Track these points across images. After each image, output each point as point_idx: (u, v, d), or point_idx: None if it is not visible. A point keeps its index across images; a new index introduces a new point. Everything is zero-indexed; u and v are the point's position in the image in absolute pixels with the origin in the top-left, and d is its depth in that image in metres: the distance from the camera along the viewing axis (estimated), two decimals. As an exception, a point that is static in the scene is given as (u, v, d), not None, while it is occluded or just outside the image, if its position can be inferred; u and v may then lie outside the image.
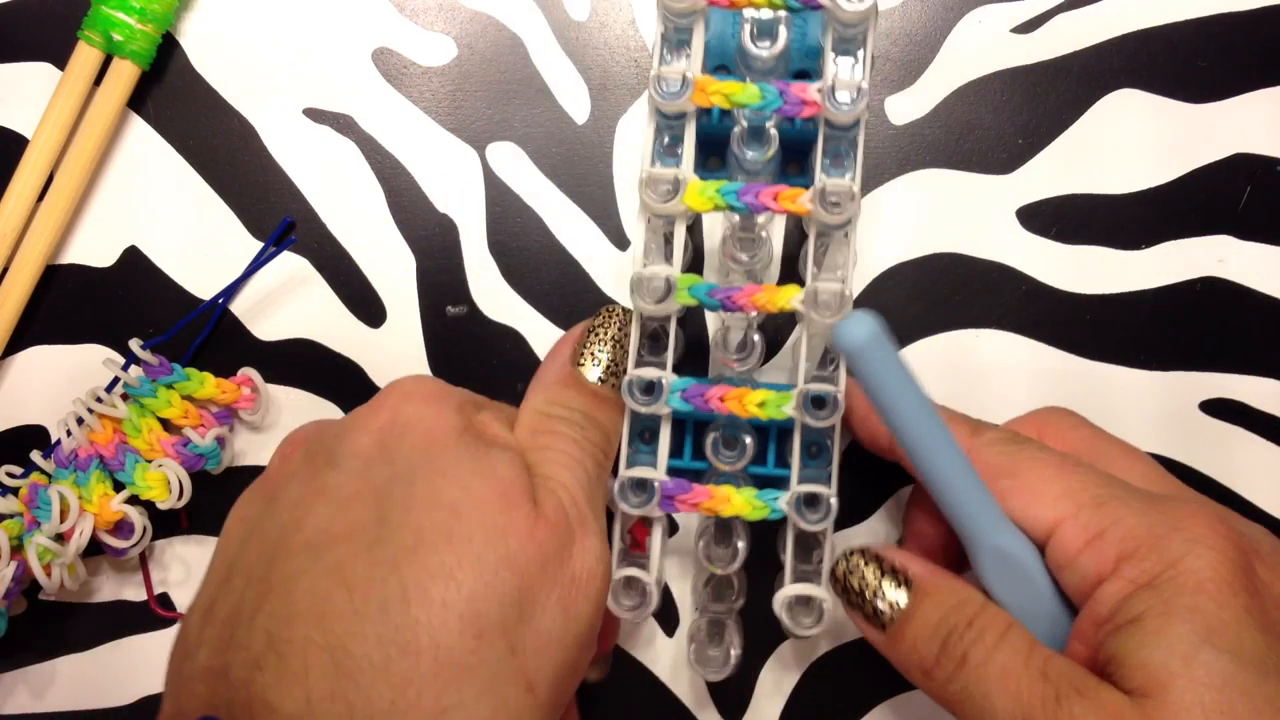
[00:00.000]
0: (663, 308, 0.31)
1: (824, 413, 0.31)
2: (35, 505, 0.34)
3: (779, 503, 0.32)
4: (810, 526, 0.31)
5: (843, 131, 0.32)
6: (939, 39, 0.39)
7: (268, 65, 0.38)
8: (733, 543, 0.33)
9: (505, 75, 0.38)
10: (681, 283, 0.31)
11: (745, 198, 0.31)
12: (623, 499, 0.31)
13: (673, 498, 0.31)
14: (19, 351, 0.37)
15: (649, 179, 0.31)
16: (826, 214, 0.31)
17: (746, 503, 0.32)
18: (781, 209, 0.31)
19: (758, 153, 0.32)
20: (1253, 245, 0.38)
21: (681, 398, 0.31)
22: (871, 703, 0.37)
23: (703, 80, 0.31)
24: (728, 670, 0.33)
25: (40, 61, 0.38)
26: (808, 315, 0.31)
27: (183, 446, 0.35)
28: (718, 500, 0.32)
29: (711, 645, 0.34)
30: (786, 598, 0.32)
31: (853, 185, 0.31)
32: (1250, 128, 0.38)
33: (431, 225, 0.38)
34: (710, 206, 0.31)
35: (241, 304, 0.38)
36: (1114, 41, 0.39)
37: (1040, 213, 0.38)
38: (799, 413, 0.31)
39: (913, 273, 0.38)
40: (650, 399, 0.31)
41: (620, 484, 0.31)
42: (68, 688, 0.37)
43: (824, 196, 0.31)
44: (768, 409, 0.31)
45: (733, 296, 0.31)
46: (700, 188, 0.31)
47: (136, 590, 0.37)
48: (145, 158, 0.38)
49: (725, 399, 0.31)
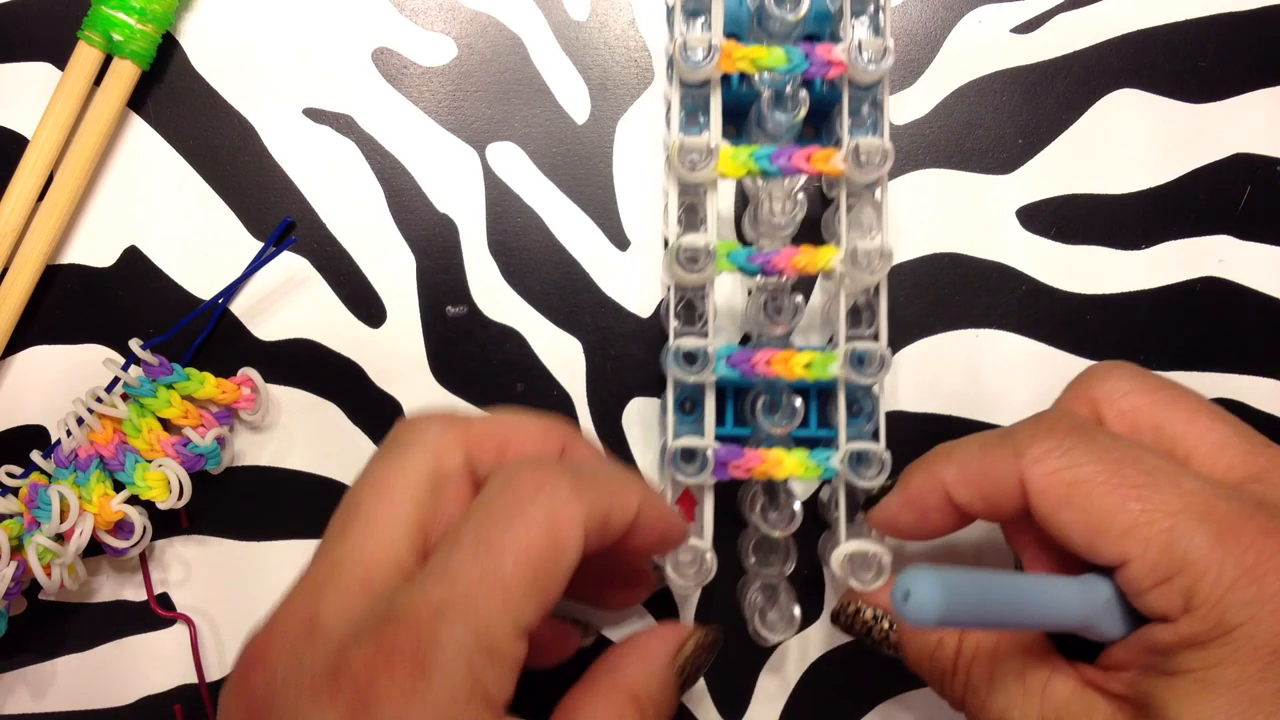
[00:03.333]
0: (701, 276, 0.31)
1: (870, 370, 0.32)
2: (35, 505, 0.34)
3: (832, 462, 0.32)
4: (866, 483, 0.32)
5: (865, 91, 0.32)
6: (939, 39, 0.39)
7: (268, 65, 0.38)
8: (787, 505, 0.33)
9: (505, 75, 0.38)
10: (720, 249, 0.31)
11: (778, 161, 0.31)
12: (675, 469, 0.31)
13: (726, 464, 0.32)
14: (19, 351, 0.37)
15: (681, 148, 0.31)
16: (860, 172, 0.31)
17: (800, 464, 0.32)
18: (814, 170, 0.32)
19: (787, 115, 0.32)
20: (1253, 245, 0.38)
21: (727, 364, 0.32)
22: (872, 703, 0.37)
23: (728, 46, 0.31)
24: (793, 630, 0.34)
25: (40, 61, 0.38)
26: (847, 274, 0.31)
27: (183, 446, 0.35)
28: (770, 463, 0.32)
29: (771, 610, 0.34)
30: (845, 554, 0.32)
31: (883, 142, 0.31)
32: (1250, 128, 0.38)
33: (431, 225, 0.38)
34: (744, 172, 0.32)
35: (241, 304, 0.38)
36: (1114, 41, 0.39)
37: (1040, 213, 0.38)
38: (844, 371, 0.32)
39: (913, 273, 0.38)
40: (694, 368, 0.31)
41: (671, 455, 0.32)
42: (68, 688, 0.37)
43: (856, 155, 0.31)
44: (814, 369, 0.32)
45: (772, 260, 0.31)
46: (732, 153, 0.31)
47: (136, 590, 0.37)
48: (145, 158, 0.38)
49: (772, 362, 0.32)
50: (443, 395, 0.37)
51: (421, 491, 0.26)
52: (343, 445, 0.37)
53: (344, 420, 0.37)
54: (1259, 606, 0.25)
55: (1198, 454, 0.28)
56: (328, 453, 0.37)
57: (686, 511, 0.33)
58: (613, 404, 0.37)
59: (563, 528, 0.25)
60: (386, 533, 0.26)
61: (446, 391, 0.37)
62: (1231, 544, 0.25)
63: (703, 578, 0.32)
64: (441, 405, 0.37)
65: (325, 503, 0.38)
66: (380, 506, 0.26)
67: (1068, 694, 0.27)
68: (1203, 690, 0.25)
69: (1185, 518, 0.26)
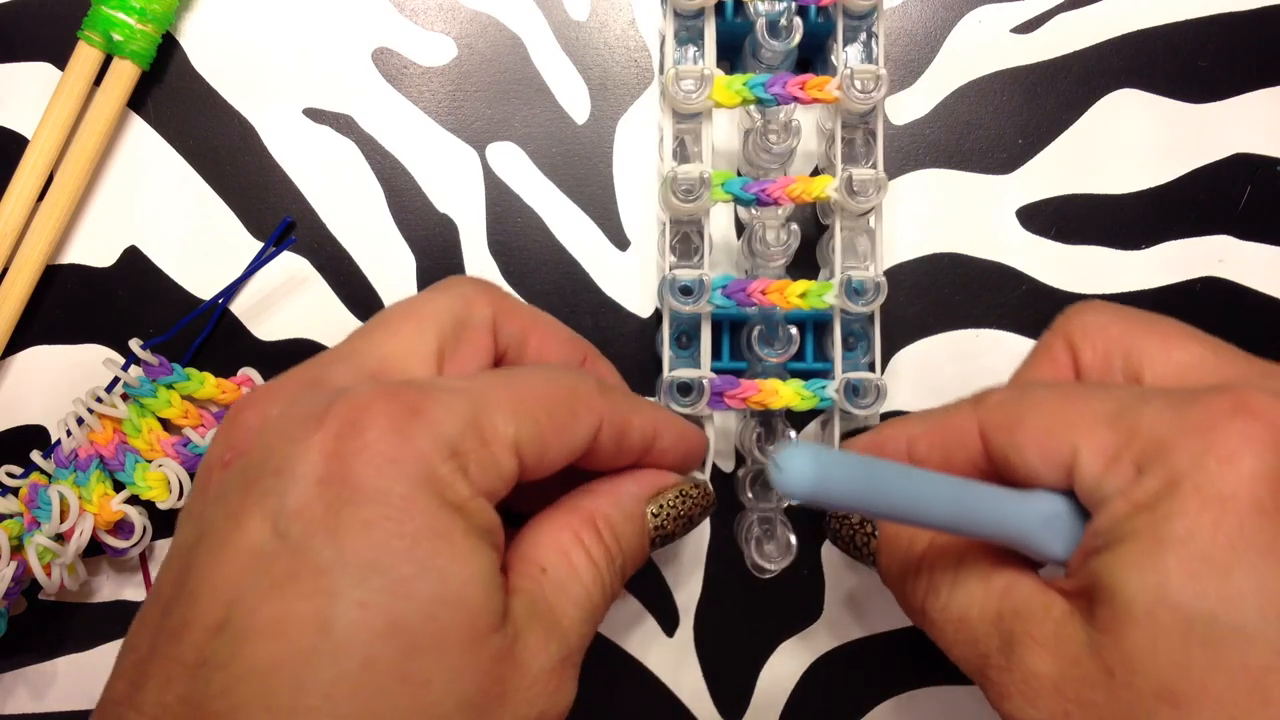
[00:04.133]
0: (697, 205, 0.32)
1: (865, 299, 0.32)
2: (35, 505, 0.34)
3: (827, 391, 0.32)
4: (861, 411, 0.32)
5: (860, 20, 0.33)
6: (939, 39, 0.39)
7: (268, 65, 0.38)
8: (784, 436, 0.34)
9: (505, 75, 0.38)
10: (715, 179, 0.32)
11: (773, 89, 0.32)
12: (671, 401, 0.32)
13: (721, 394, 0.32)
14: (19, 351, 0.37)
15: (677, 75, 0.32)
16: (855, 100, 0.31)
17: (796, 393, 0.32)
18: (810, 98, 0.32)
19: (782, 42, 0.32)
20: (1253, 245, 0.38)
21: (723, 294, 0.32)
22: (872, 703, 0.37)
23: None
24: (789, 558, 0.34)
25: (40, 61, 0.38)
26: (843, 203, 0.31)
27: (183, 446, 0.35)
28: (766, 393, 0.32)
29: (767, 541, 0.34)
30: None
31: (878, 69, 0.32)
32: (1250, 128, 0.38)
33: (431, 225, 0.38)
34: (738, 100, 0.32)
35: (241, 304, 0.38)
36: (1114, 41, 0.39)
37: (1040, 213, 0.38)
38: (840, 300, 0.32)
39: (913, 273, 0.38)
40: (690, 299, 0.32)
41: (666, 386, 0.32)
42: (68, 688, 0.37)
43: (851, 81, 0.31)
44: (809, 299, 0.32)
45: (767, 190, 0.32)
46: (726, 82, 0.32)
47: (136, 590, 0.37)
48: (145, 158, 0.38)
49: (767, 291, 0.32)
50: (443, 395, 0.37)
51: (446, 324, 0.27)
52: (343, 445, 0.37)
53: (344, 420, 0.37)
54: (1207, 456, 0.22)
55: (1168, 374, 0.26)
56: (328, 453, 0.37)
57: None
58: (613, 404, 0.37)
59: (583, 402, 0.26)
60: (408, 340, 0.26)
61: (446, 391, 0.37)
62: (1188, 407, 0.23)
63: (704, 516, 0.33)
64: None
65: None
66: (408, 322, 0.27)
67: (1027, 593, 0.25)
68: (1150, 553, 0.22)
69: (1133, 398, 0.24)
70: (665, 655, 0.37)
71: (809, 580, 0.37)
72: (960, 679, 0.37)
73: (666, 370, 0.32)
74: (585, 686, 0.37)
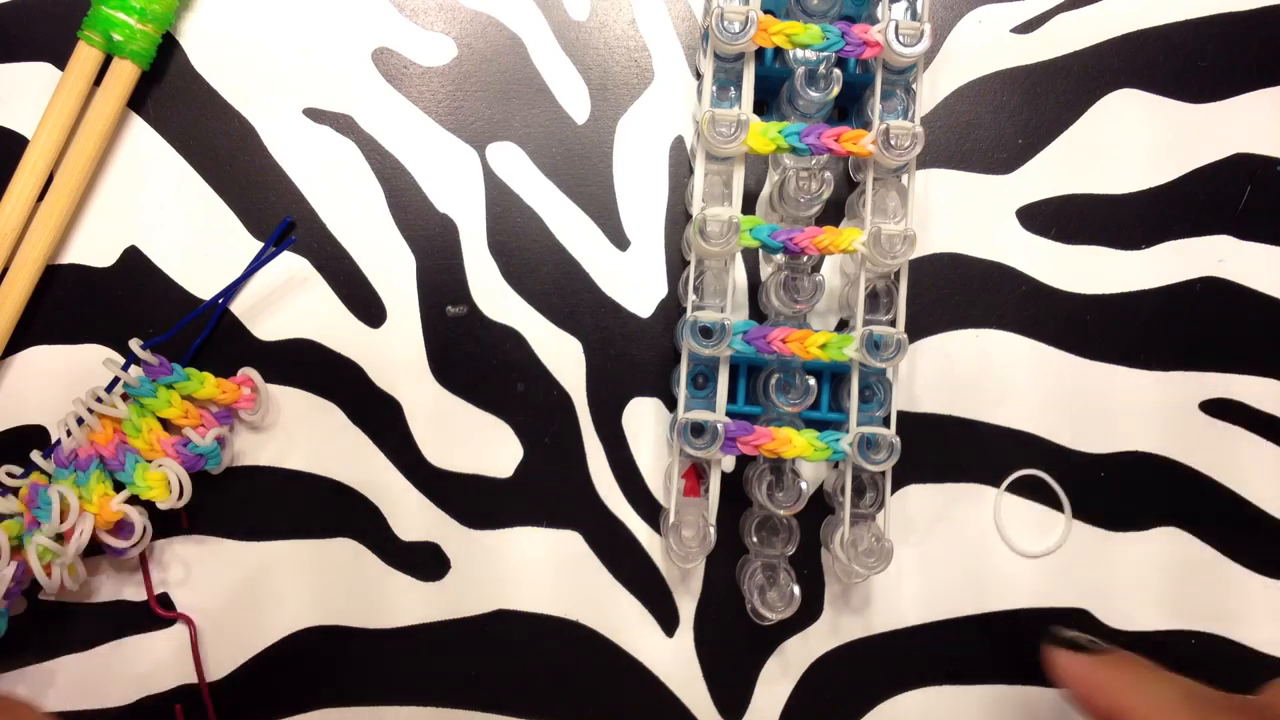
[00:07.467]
0: (724, 248, 0.31)
1: (885, 354, 0.32)
2: (35, 505, 0.34)
3: (841, 444, 0.32)
4: (873, 467, 0.32)
5: (898, 75, 0.32)
6: (939, 39, 0.39)
7: (268, 65, 0.38)
8: (795, 485, 0.33)
9: (505, 75, 0.38)
10: (744, 224, 0.31)
11: (807, 139, 0.32)
12: (684, 443, 0.32)
13: (735, 439, 0.32)
14: (19, 351, 0.37)
15: (713, 119, 0.31)
16: (889, 155, 0.31)
17: (809, 444, 0.32)
18: (843, 150, 0.32)
19: (821, 93, 0.32)
20: (1253, 245, 0.38)
21: (743, 340, 0.32)
22: (871, 703, 0.37)
23: (765, 20, 0.31)
24: (792, 608, 0.34)
25: (40, 61, 0.38)
26: (869, 256, 0.31)
27: (183, 446, 0.35)
28: (780, 442, 0.32)
29: (771, 589, 0.34)
30: (850, 539, 0.32)
31: (914, 126, 0.31)
32: (1250, 128, 0.38)
33: (431, 225, 0.38)
34: (772, 148, 0.32)
35: (241, 304, 0.38)
36: (1114, 41, 0.39)
37: (1040, 213, 0.38)
38: (860, 354, 0.32)
39: (913, 273, 0.38)
40: (710, 342, 0.32)
41: (681, 428, 0.32)
42: (68, 688, 0.37)
43: (887, 138, 0.31)
44: (829, 350, 0.32)
45: (795, 239, 0.32)
46: (762, 129, 0.31)
47: (136, 590, 0.37)
48: (145, 158, 0.38)
49: (788, 340, 0.32)
50: (443, 395, 0.37)
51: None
52: (343, 445, 0.37)
53: (344, 420, 0.37)
54: None
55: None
56: (328, 453, 0.37)
57: (692, 487, 0.34)
58: (613, 404, 0.37)
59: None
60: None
61: (447, 391, 0.37)
62: None
63: (706, 548, 0.33)
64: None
65: (325, 503, 0.38)
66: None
67: None
68: None
69: None
70: (665, 655, 0.37)
71: (809, 580, 0.37)
72: (959, 679, 0.37)
73: (682, 411, 0.32)
74: (585, 686, 0.37)
